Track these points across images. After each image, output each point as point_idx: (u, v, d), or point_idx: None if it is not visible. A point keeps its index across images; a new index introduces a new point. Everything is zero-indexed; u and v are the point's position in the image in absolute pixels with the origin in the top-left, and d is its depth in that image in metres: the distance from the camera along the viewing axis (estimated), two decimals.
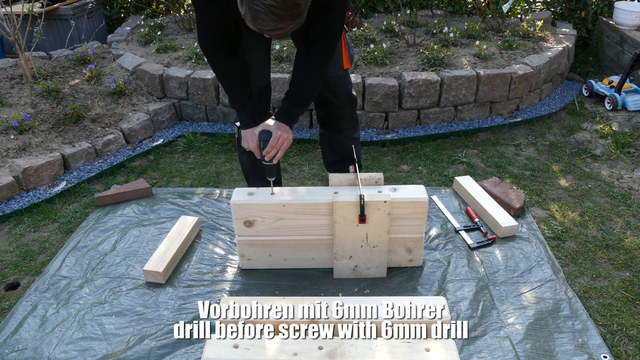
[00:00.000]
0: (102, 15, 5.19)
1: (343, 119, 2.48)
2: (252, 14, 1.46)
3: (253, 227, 2.15)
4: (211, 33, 1.88)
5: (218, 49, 1.92)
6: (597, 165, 3.23)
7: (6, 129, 3.21)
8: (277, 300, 1.84)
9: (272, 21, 1.46)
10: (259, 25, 1.50)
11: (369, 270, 2.22)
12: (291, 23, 1.49)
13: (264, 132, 2.03)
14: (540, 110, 3.92)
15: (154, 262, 2.25)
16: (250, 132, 2.06)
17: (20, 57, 3.62)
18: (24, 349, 1.91)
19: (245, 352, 1.62)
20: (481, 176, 3.10)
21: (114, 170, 3.23)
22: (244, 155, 2.45)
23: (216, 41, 1.90)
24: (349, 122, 2.51)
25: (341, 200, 2.02)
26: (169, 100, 3.81)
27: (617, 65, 4.45)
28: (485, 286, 2.18)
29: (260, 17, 1.45)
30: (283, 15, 1.45)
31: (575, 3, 4.93)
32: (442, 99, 3.64)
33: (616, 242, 2.51)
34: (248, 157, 2.44)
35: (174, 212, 2.71)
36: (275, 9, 1.42)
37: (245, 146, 2.10)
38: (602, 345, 1.89)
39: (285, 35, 1.56)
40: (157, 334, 1.96)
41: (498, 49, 4.10)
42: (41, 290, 2.19)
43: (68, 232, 2.65)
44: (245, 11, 1.48)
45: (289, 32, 1.53)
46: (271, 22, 1.46)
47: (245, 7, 1.46)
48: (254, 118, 2.05)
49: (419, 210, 2.08)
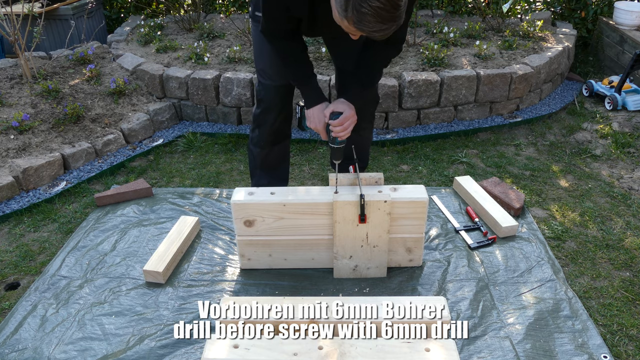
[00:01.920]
0: (102, 15, 5.19)
1: (364, 117, 2.45)
2: (358, 16, 1.48)
3: (253, 226, 2.15)
4: (278, 25, 1.96)
5: (282, 36, 2.00)
6: (597, 165, 3.23)
7: (6, 129, 3.21)
8: (277, 300, 1.84)
9: (377, 23, 1.49)
10: (363, 27, 1.52)
11: (369, 270, 2.22)
12: (393, 24, 1.52)
13: (335, 113, 1.99)
14: (540, 110, 3.92)
15: (154, 262, 2.25)
16: (318, 112, 2.05)
17: (20, 57, 3.62)
18: (24, 349, 1.91)
19: (245, 352, 1.62)
20: (481, 176, 3.10)
21: (114, 170, 3.23)
22: (257, 148, 2.46)
23: (282, 31, 1.98)
24: (369, 120, 2.52)
25: (341, 200, 2.02)
26: (169, 100, 3.81)
27: (617, 65, 4.45)
28: (485, 286, 2.18)
29: (366, 19, 1.48)
30: (388, 17, 1.48)
31: (575, 3, 4.93)
32: (442, 99, 3.63)
33: (616, 242, 2.51)
34: (261, 151, 2.46)
35: (174, 212, 2.71)
36: (381, 10, 1.45)
37: (311, 126, 2.08)
38: (602, 345, 1.89)
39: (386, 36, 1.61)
40: (157, 334, 1.95)
41: (498, 49, 4.10)
42: (41, 290, 2.19)
43: (68, 232, 2.65)
44: (350, 14, 1.50)
45: (389, 34, 1.56)
46: (376, 24, 1.49)
47: (350, 11, 1.49)
48: (319, 95, 2.06)
49: (419, 210, 2.08)
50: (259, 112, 2.38)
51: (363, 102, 2.36)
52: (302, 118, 2.19)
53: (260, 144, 2.45)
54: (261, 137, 2.43)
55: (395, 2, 1.46)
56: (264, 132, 2.42)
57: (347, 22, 1.55)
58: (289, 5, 1.85)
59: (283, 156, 2.58)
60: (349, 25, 1.56)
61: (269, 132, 2.41)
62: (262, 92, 2.34)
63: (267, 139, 2.43)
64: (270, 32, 2.01)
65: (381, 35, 1.55)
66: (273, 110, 2.35)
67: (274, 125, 2.39)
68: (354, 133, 2.44)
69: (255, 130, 2.44)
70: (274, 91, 2.30)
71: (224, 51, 4.10)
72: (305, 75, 2.08)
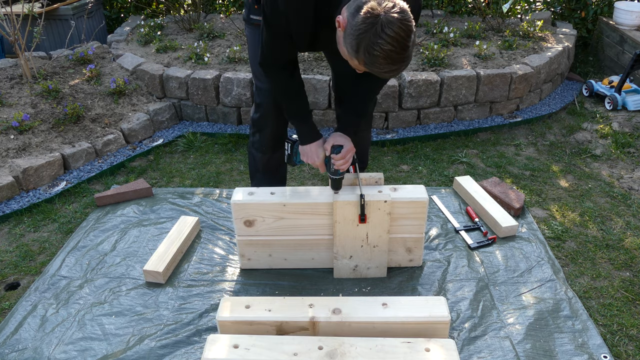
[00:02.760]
0: (102, 15, 5.19)
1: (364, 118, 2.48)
2: (370, 58, 1.50)
3: (253, 226, 2.15)
4: (279, 57, 1.94)
5: (282, 69, 1.98)
6: (597, 165, 3.23)
7: (6, 129, 3.21)
8: (277, 300, 1.84)
9: (388, 64, 1.51)
10: (374, 68, 1.54)
11: (369, 270, 2.22)
12: (402, 65, 1.54)
13: (335, 147, 2.00)
14: (540, 110, 3.92)
15: (154, 262, 2.25)
16: (315, 147, 2.05)
17: (20, 57, 3.62)
18: (24, 349, 1.91)
19: (245, 352, 1.62)
20: (481, 176, 3.10)
21: (114, 170, 3.23)
22: (258, 153, 2.45)
23: (281, 63, 1.97)
24: (367, 121, 2.52)
25: (341, 200, 2.02)
26: (169, 100, 3.81)
27: (617, 65, 4.45)
28: (485, 286, 2.18)
29: (378, 61, 1.50)
30: (398, 59, 1.50)
31: (575, 3, 4.93)
32: (442, 99, 3.63)
33: (616, 242, 2.51)
34: (263, 156, 2.44)
35: (174, 212, 2.71)
36: (392, 53, 1.48)
37: (308, 162, 2.08)
38: (602, 345, 1.89)
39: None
40: (157, 334, 1.95)
41: (498, 49, 4.10)
42: (41, 290, 2.19)
43: (68, 232, 2.65)
44: (361, 56, 1.52)
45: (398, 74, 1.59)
46: (387, 65, 1.51)
47: (362, 53, 1.51)
48: (315, 132, 2.07)
49: (419, 210, 2.08)
50: (258, 117, 2.35)
51: None
52: (292, 154, 2.17)
53: (262, 149, 2.43)
54: (262, 142, 2.41)
55: (404, 44, 1.48)
56: (264, 137, 2.39)
57: (357, 62, 1.56)
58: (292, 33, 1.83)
59: (282, 162, 2.56)
60: (359, 65, 1.58)
61: (270, 137, 2.39)
62: (260, 96, 2.31)
63: (268, 144, 2.40)
64: (272, 65, 1.97)
65: (390, 75, 1.58)
66: (272, 115, 2.32)
67: (274, 130, 2.37)
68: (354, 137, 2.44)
69: (256, 135, 2.41)
70: (272, 95, 2.28)
71: (224, 51, 4.10)
72: (304, 112, 2.06)
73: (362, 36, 1.47)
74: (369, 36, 1.46)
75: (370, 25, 1.45)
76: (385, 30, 1.44)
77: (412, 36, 1.50)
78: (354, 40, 1.50)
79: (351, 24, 1.50)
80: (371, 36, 1.46)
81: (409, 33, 1.47)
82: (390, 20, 1.44)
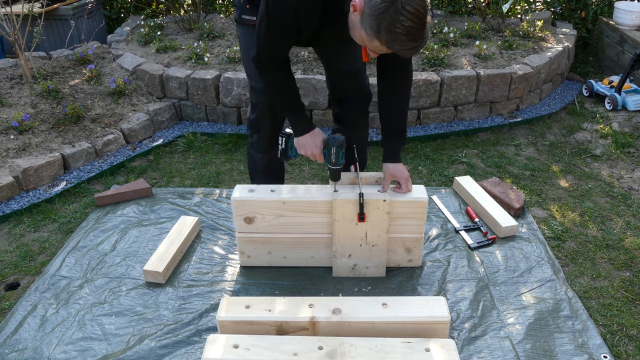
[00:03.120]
0: (102, 15, 5.19)
1: (358, 116, 2.48)
2: (392, 36, 1.52)
3: (253, 223, 2.15)
4: (276, 52, 1.94)
5: (278, 65, 1.98)
6: (597, 165, 3.23)
7: (6, 129, 3.21)
8: (277, 300, 1.84)
9: (409, 41, 1.53)
10: (395, 46, 1.56)
11: (368, 270, 2.22)
12: (422, 42, 1.56)
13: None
14: (540, 110, 3.92)
15: (154, 262, 2.25)
16: (312, 138, 2.04)
17: (20, 57, 3.62)
18: (24, 349, 1.91)
19: (245, 352, 1.62)
20: (481, 176, 3.10)
21: (114, 170, 3.23)
22: (258, 153, 2.44)
23: (279, 60, 1.97)
24: (364, 118, 2.51)
25: (341, 199, 2.02)
26: (169, 100, 3.81)
27: (617, 65, 4.45)
28: (485, 286, 2.18)
29: (399, 38, 1.52)
30: (418, 35, 1.53)
31: (575, 3, 4.93)
32: (442, 99, 3.63)
33: (616, 242, 2.51)
34: (263, 156, 2.44)
35: (174, 212, 2.71)
36: (413, 29, 1.50)
37: (306, 153, 2.06)
38: (602, 345, 1.89)
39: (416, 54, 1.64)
40: (157, 334, 1.95)
41: (498, 49, 4.10)
42: (41, 290, 2.19)
43: (68, 232, 2.65)
44: (382, 35, 1.54)
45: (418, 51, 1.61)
46: (408, 42, 1.54)
47: (383, 32, 1.53)
48: (310, 123, 2.07)
49: (419, 210, 2.08)
50: (254, 117, 2.35)
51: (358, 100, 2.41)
52: (287, 148, 2.14)
53: (261, 149, 2.42)
54: (260, 143, 2.40)
55: (423, 20, 1.52)
56: (262, 138, 2.38)
57: (378, 42, 1.57)
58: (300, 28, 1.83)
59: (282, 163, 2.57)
60: (380, 45, 1.59)
61: (268, 138, 2.38)
62: (255, 96, 2.29)
63: (266, 144, 2.40)
64: (268, 62, 1.95)
65: (410, 52, 1.59)
66: (268, 115, 2.31)
67: (271, 129, 2.36)
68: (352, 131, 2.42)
69: (254, 136, 2.41)
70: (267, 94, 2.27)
71: (224, 51, 4.10)
72: (298, 107, 2.06)
73: (382, 15, 1.50)
74: (390, 14, 1.49)
75: (390, 4, 1.48)
76: (405, 7, 1.47)
77: (428, 12, 1.54)
78: (374, 21, 1.52)
79: (369, 5, 1.53)
80: (392, 14, 1.48)
81: (426, 8, 1.51)
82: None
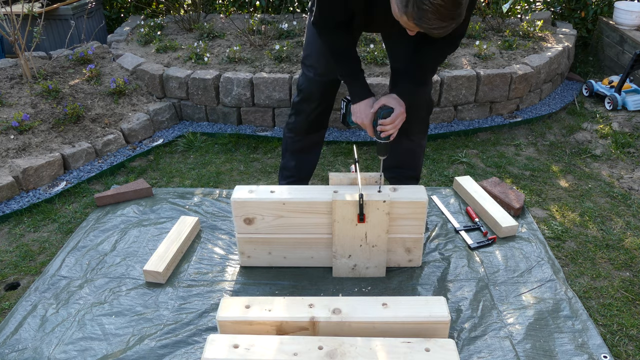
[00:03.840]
0: (102, 15, 5.19)
1: (415, 122, 2.34)
2: (419, 13, 1.49)
3: (253, 224, 2.15)
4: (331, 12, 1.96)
5: (334, 28, 2.00)
6: (597, 165, 3.23)
7: (6, 129, 3.21)
8: (277, 300, 1.84)
9: (437, 20, 1.50)
10: (423, 24, 1.53)
11: (368, 270, 2.22)
12: (453, 22, 1.52)
13: (384, 107, 1.96)
14: (540, 110, 3.92)
15: (154, 262, 2.25)
16: (365, 107, 2.03)
17: (20, 57, 3.62)
18: (24, 349, 1.91)
19: (245, 352, 1.62)
20: (481, 176, 3.10)
21: (114, 170, 3.23)
22: (291, 134, 2.47)
23: (333, 24, 1.99)
24: (421, 125, 2.42)
25: (340, 199, 2.02)
26: (169, 100, 3.81)
27: (617, 65, 4.45)
28: (485, 286, 2.18)
29: (427, 16, 1.49)
30: (448, 15, 1.49)
31: (575, 3, 4.93)
32: (442, 99, 3.63)
33: (616, 242, 2.51)
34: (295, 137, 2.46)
35: (173, 212, 2.71)
36: (442, 8, 1.46)
37: (357, 121, 2.06)
38: (602, 345, 1.89)
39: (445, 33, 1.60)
40: (157, 334, 1.95)
41: (498, 49, 4.10)
42: (41, 290, 2.19)
43: (68, 232, 2.65)
44: (410, 10, 1.51)
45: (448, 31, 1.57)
46: (436, 21, 1.50)
47: (411, 7, 1.50)
48: (366, 90, 2.05)
49: (419, 210, 2.08)
50: (298, 100, 2.39)
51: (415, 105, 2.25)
52: (346, 114, 2.15)
53: (295, 131, 2.46)
54: (297, 125, 2.44)
55: (457, 0, 1.47)
56: (300, 120, 2.42)
57: (406, 18, 1.55)
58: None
59: (316, 144, 2.56)
60: (408, 21, 1.56)
61: (306, 122, 2.42)
62: (304, 83, 2.33)
63: (303, 127, 2.44)
64: (323, 24, 2.00)
65: (440, 32, 1.56)
66: (312, 101, 2.35)
67: (311, 115, 2.39)
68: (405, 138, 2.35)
69: (292, 117, 2.45)
70: (316, 85, 2.30)
71: (224, 51, 4.10)
72: (354, 71, 2.06)
73: None
74: None
75: None
76: None
77: None
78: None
79: None
80: None
81: None
82: None
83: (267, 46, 4.15)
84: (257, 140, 3.58)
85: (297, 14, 5.03)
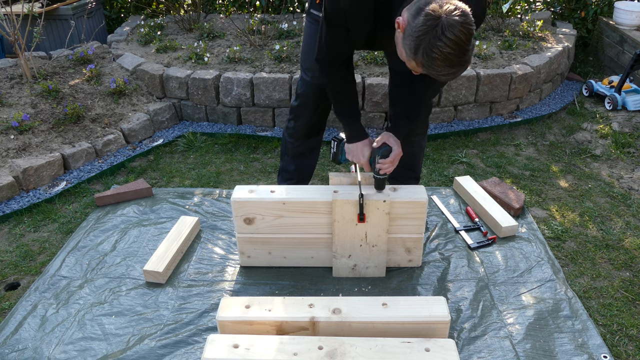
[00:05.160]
0: (102, 15, 5.19)
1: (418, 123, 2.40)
2: (429, 61, 1.50)
3: (253, 224, 2.15)
4: (336, 54, 1.96)
5: (338, 67, 2.00)
6: (597, 165, 3.23)
7: (6, 129, 3.21)
8: (277, 300, 1.84)
9: (446, 67, 1.51)
10: (432, 71, 1.54)
11: (368, 270, 2.22)
12: (461, 68, 1.54)
13: (384, 146, 2.01)
14: (540, 110, 3.92)
15: (154, 262, 2.25)
16: (361, 146, 2.07)
17: (20, 57, 3.62)
18: (24, 349, 1.91)
19: (246, 352, 1.62)
20: (481, 176, 3.10)
21: (114, 170, 3.23)
22: (291, 139, 2.49)
23: (338, 61, 1.99)
24: (421, 126, 2.46)
25: (341, 199, 2.02)
26: (169, 100, 3.81)
27: (617, 65, 4.45)
28: (485, 286, 2.18)
29: (436, 63, 1.50)
30: (457, 62, 1.50)
31: (575, 3, 4.93)
32: (442, 99, 3.63)
33: (616, 242, 2.51)
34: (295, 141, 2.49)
35: (173, 212, 2.71)
36: (451, 56, 1.47)
37: (353, 160, 2.10)
38: (602, 345, 1.89)
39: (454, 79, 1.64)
40: (157, 334, 1.95)
41: (498, 49, 4.10)
42: (41, 290, 2.19)
43: (68, 232, 2.65)
44: (420, 57, 1.52)
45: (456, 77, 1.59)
46: (445, 68, 1.51)
47: (421, 55, 1.51)
48: (363, 131, 2.09)
49: (419, 210, 2.08)
50: (297, 105, 2.40)
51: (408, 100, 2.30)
52: (338, 152, 2.20)
53: (295, 136, 2.48)
54: (296, 130, 2.46)
55: (464, 48, 1.48)
56: (300, 125, 2.44)
57: (415, 63, 1.56)
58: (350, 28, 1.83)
59: (315, 147, 2.59)
60: (416, 67, 1.57)
61: (305, 126, 2.44)
62: (302, 87, 2.35)
63: (302, 132, 2.46)
64: (328, 61, 1.98)
65: (448, 78, 1.57)
66: (311, 104, 2.36)
67: (310, 119, 2.41)
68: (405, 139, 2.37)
69: (292, 122, 2.46)
70: (314, 87, 2.31)
71: (224, 51, 4.10)
72: (353, 112, 2.09)
73: (421, 38, 1.47)
74: (429, 38, 1.46)
75: (430, 28, 1.45)
76: (445, 33, 1.44)
77: (472, 40, 1.49)
78: (413, 42, 1.50)
79: (411, 25, 1.50)
80: (431, 38, 1.46)
81: (469, 37, 1.47)
82: (451, 23, 1.43)
83: (267, 46, 4.16)
84: (257, 140, 3.58)
85: (297, 14, 5.03)
